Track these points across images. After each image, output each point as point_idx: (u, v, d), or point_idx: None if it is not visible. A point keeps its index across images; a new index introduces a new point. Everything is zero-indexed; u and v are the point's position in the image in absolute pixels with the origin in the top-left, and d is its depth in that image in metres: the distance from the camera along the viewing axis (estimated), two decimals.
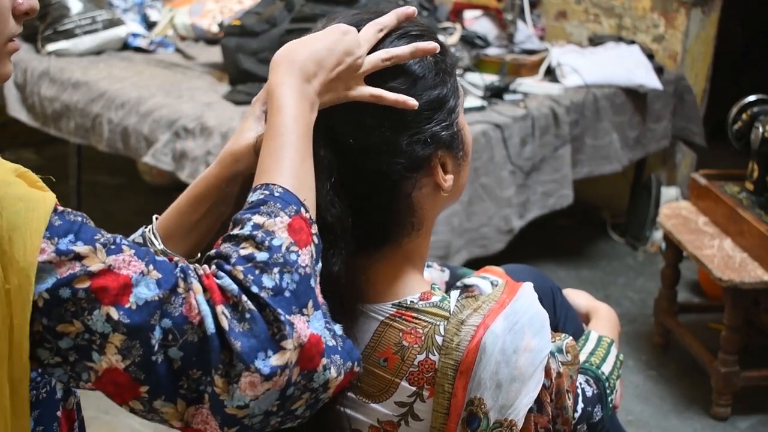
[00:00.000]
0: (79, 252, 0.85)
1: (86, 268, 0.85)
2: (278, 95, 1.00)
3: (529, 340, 1.04)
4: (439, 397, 1.05)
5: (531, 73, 3.40)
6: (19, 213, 0.85)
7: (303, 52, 1.02)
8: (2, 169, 0.88)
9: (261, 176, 0.96)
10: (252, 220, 0.91)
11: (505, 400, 1.03)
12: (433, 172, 1.10)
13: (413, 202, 1.09)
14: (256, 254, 0.88)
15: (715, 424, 2.71)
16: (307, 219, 0.93)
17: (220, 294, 0.86)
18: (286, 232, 0.90)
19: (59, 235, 0.85)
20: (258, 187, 0.95)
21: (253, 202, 0.93)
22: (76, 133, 3.24)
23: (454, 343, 1.04)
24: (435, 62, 1.10)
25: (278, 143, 0.97)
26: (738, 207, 2.74)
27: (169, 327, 0.86)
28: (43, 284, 0.84)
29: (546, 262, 3.59)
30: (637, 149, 3.59)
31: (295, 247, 0.90)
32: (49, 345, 0.86)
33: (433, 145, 1.08)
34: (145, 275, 0.86)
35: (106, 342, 0.85)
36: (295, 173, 0.96)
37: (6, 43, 0.94)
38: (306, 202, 0.94)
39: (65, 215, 0.88)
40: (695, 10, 3.77)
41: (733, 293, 2.59)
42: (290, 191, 0.94)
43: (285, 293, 0.87)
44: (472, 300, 1.07)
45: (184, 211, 1.14)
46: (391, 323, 1.07)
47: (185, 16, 3.76)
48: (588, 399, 1.20)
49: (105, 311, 0.84)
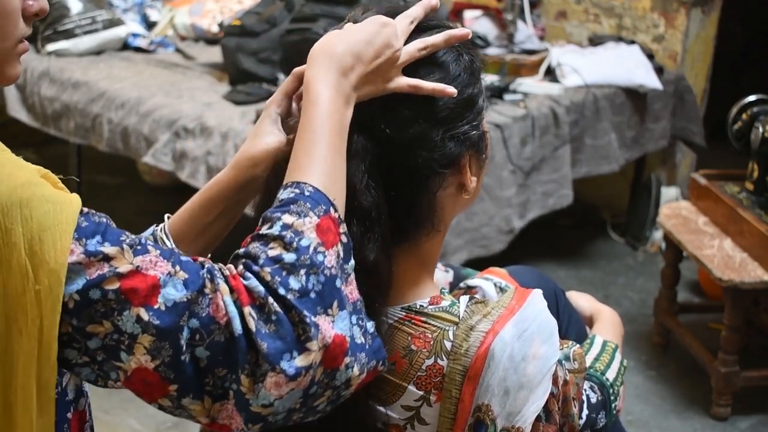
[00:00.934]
0: (108, 253, 0.86)
1: (115, 269, 0.85)
2: (313, 90, 0.99)
3: (538, 348, 1.04)
4: (446, 402, 1.04)
5: (531, 73, 3.40)
6: (48, 214, 0.85)
7: (341, 44, 1.02)
8: (27, 170, 0.88)
9: (292, 173, 0.96)
10: (282, 219, 0.91)
11: (513, 407, 1.03)
12: (462, 172, 1.10)
13: (437, 201, 1.09)
14: (284, 255, 0.88)
15: (715, 424, 2.71)
16: (336, 219, 0.93)
17: (247, 295, 0.87)
18: (315, 233, 0.90)
19: (87, 236, 0.86)
20: (289, 184, 0.95)
21: (283, 200, 0.93)
22: (76, 133, 3.24)
23: (462, 349, 1.04)
24: (470, 61, 1.11)
25: (311, 139, 0.97)
26: (738, 207, 2.74)
27: (197, 327, 0.86)
28: (73, 285, 0.85)
29: (546, 262, 3.59)
30: (634, 149, 3.59)
31: (322, 248, 0.90)
32: (77, 345, 0.87)
33: (465, 143, 1.09)
34: (172, 276, 0.87)
35: (135, 342, 0.86)
36: (326, 171, 0.96)
37: (16, 44, 0.94)
38: (336, 201, 0.94)
39: (91, 216, 0.88)
40: (695, 10, 3.77)
41: (733, 293, 2.59)
42: (320, 190, 0.94)
43: (311, 294, 0.88)
44: (482, 306, 1.07)
45: (196, 214, 1.13)
46: (400, 327, 1.07)
47: (185, 16, 3.76)
48: (592, 406, 1.19)
49: (135, 312, 0.85)
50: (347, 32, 1.03)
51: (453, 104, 1.07)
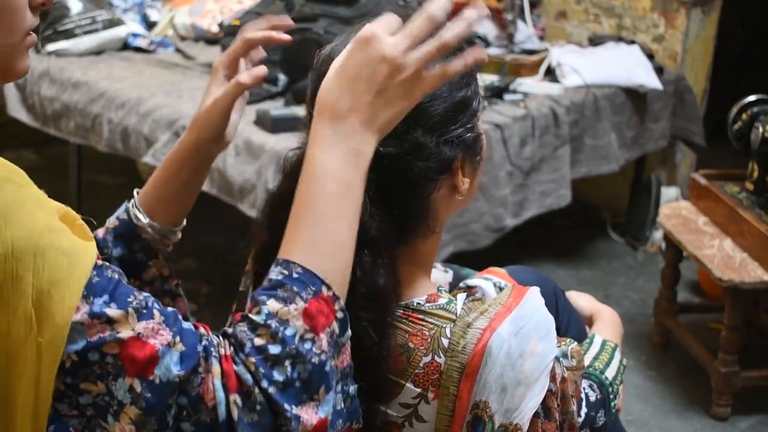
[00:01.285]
0: (112, 316, 0.85)
1: (116, 334, 0.85)
2: (308, 155, 0.94)
3: (535, 345, 1.04)
4: (443, 399, 1.05)
5: (531, 73, 3.40)
6: (61, 268, 0.84)
7: (330, 90, 0.93)
8: (48, 210, 0.87)
9: (283, 248, 0.94)
10: (267, 306, 0.89)
11: (510, 403, 1.03)
12: (455, 173, 1.10)
13: (431, 203, 1.09)
14: (269, 347, 0.88)
15: (715, 424, 2.71)
16: (330, 297, 0.91)
17: (235, 381, 0.87)
18: (301, 320, 0.89)
19: (95, 293, 0.85)
20: (279, 262, 0.93)
21: (271, 281, 0.92)
22: (76, 133, 3.24)
23: (460, 346, 1.04)
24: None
25: (301, 208, 0.93)
26: (738, 207, 2.74)
27: (185, 404, 0.87)
28: (73, 345, 0.84)
29: (546, 262, 3.59)
30: (634, 149, 3.59)
31: (311, 334, 0.89)
32: (68, 400, 0.87)
33: (459, 146, 1.09)
34: (171, 347, 0.87)
35: (122, 411, 0.86)
36: (318, 245, 0.92)
37: (24, 37, 0.92)
38: (329, 278, 0.91)
39: (104, 271, 0.87)
40: (695, 10, 3.77)
41: (733, 293, 2.59)
42: (309, 270, 0.91)
43: (295, 384, 0.87)
44: (479, 303, 1.07)
45: (164, 183, 1.20)
46: (398, 324, 1.07)
47: (185, 16, 3.76)
48: (591, 404, 1.20)
49: (129, 382, 0.85)
50: (333, 71, 0.94)
51: (444, 108, 1.06)
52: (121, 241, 1.23)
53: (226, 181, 2.72)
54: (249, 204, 2.66)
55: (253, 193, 2.64)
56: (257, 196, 2.60)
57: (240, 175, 2.69)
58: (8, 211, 0.84)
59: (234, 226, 3.18)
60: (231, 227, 3.39)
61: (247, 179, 2.66)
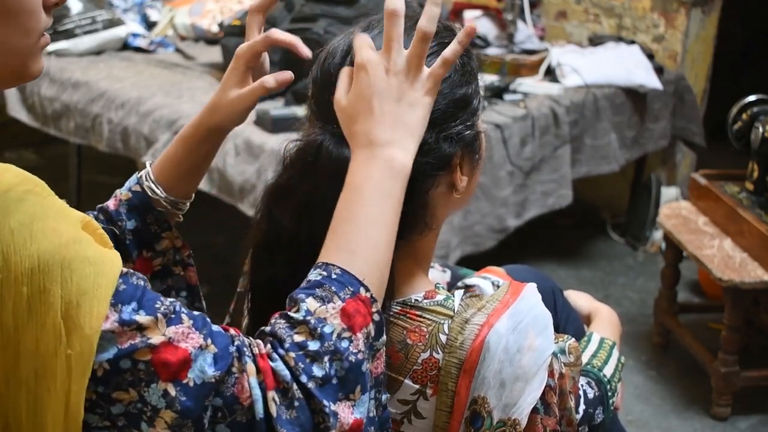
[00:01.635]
0: (142, 323, 0.85)
1: (147, 340, 0.85)
2: (350, 172, 1.00)
3: (533, 340, 1.04)
4: (442, 396, 1.05)
5: (531, 73, 3.40)
6: (88, 277, 0.84)
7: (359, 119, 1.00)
8: (70, 222, 0.87)
9: (323, 252, 0.97)
10: (306, 303, 0.91)
11: (509, 399, 1.03)
12: (453, 171, 1.10)
13: (428, 200, 1.09)
14: (308, 342, 0.89)
15: (715, 424, 2.71)
16: (367, 298, 0.93)
17: (272, 378, 0.88)
18: (339, 318, 0.90)
19: (123, 301, 0.85)
20: (318, 265, 0.95)
21: (310, 282, 0.94)
22: (76, 133, 3.24)
23: (458, 342, 1.04)
24: (462, 64, 1.10)
25: (341, 218, 0.97)
26: (738, 207, 2.74)
27: (220, 405, 0.87)
28: (105, 354, 0.84)
29: (546, 262, 3.59)
30: (634, 149, 3.60)
31: (348, 333, 0.90)
32: (100, 411, 0.86)
33: (458, 143, 1.09)
34: (203, 349, 0.87)
35: (157, 416, 0.85)
36: (356, 250, 0.95)
37: (39, 38, 0.92)
38: (367, 280, 0.94)
39: (129, 278, 0.87)
40: (695, 10, 3.77)
41: (733, 293, 2.59)
42: (348, 272, 0.93)
43: (332, 381, 0.89)
44: (476, 299, 1.08)
45: (181, 159, 1.22)
46: (396, 321, 1.07)
47: (185, 16, 3.76)
48: (590, 401, 1.20)
49: (163, 386, 0.85)
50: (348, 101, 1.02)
51: (445, 105, 1.07)
52: (135, 213, 1.22)
53: (226, 181, 2.72)
54: (249, 204, 2.66)
55: (253, 193, 2.64)
56: (257, 196, 2.60)
57: (240, 175, 2.69)
58: (32, 224, 0.83)
59: (234, 226, 3.18)
60: (231, 227, 3.39)
61: (247, 179, 2.67)
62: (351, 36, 1.08)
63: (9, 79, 0.92)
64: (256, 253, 1.12)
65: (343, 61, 1.07)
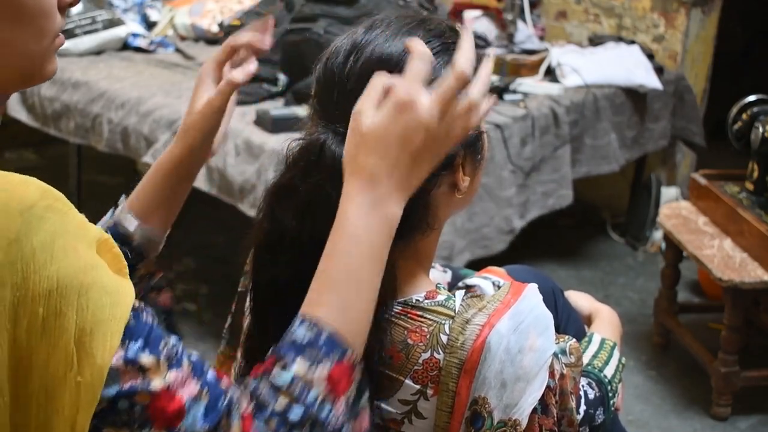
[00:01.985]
0: (144, 364, 0.85)
1: (148, 385, 0.84)
2: (342, 211, 0.95)
3: (534, 340, 1.04)
4: (443, 396, 1.05)
5: (531, 73, 3.40)
6: (104, 308, 0.83)
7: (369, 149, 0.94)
8: (87, 242, 0.86)
9: (311, 302, 0.94)
10: (294, 366, 0.90)
11: (510, 399, 1.03)
12: (456, 170, 1.09)
13: (431, 200, 1.09)
14: (290, 411, 0.88)
15: (715, 424, 2.71)
16: (351, 363, 0.92)
17: None
18: (324, 383, 0.89)
19: (131, 337, 0.85)
20: (306, 319, 0.92)
21: (298, 339, 0.91)
22: (76, 133, 3.24)
23: (458, 342, 1.04)
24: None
25: (333, 264, 0.93)
26: (738, 207, 2.74)
27: None
28: (107, 390, 0.83)
29: (546, 262, 3.59)
30: (634, 149, 3.60)
31: (330, 397, 0.89)
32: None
33: (461, 143, 1.08)
34: (197, 400, 0.87)
35: None
36: (348, 310, 0.93)
37: (54, 39, 0.91)
38: (353, 341, 0.92)
39: (140, 313, 0.87)
40: (695, 10, 3.77)
41: (733, 293, 2.59)
42: (337, 334, 0.91)
43: None
44: (477, 300, 1.08)
45: (158, 188, 1.23)
46: (397, 321, 1.07)
47: (185, 16, 3.76)
48: (590, 402, 1.20)
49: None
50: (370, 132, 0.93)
51: None
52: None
53: (226, 181, 2.72)
54: (249, 204, 2.66)
55: (253, 193, 2.64)
56: (257, 196, 2.60)
57: (240, 175, 2.69)
58: (53, 244, 0.82)
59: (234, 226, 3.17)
60: (231, 227, 3.39)
61: (247, 179, 2.67)
62: (354, 35, 1.07)
63: (23, 80, 0.91)
64: (258, 253, 1.11)
65: (346, 60, 1.07)
